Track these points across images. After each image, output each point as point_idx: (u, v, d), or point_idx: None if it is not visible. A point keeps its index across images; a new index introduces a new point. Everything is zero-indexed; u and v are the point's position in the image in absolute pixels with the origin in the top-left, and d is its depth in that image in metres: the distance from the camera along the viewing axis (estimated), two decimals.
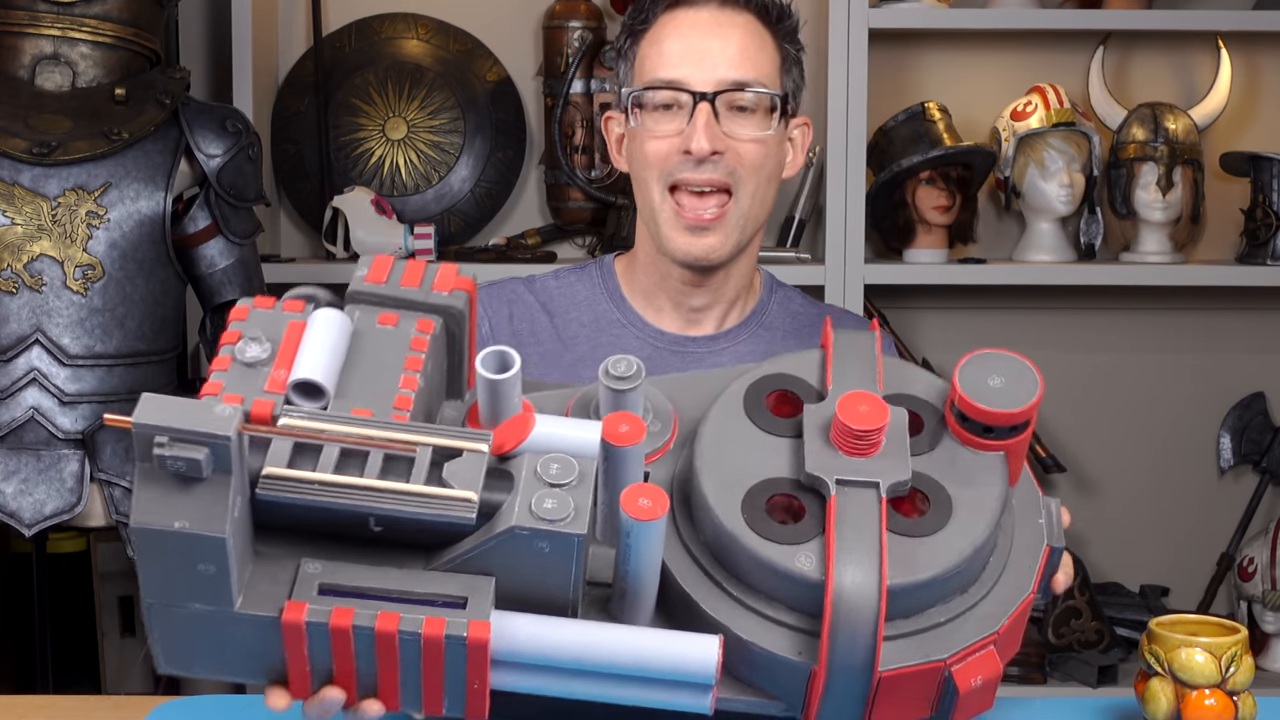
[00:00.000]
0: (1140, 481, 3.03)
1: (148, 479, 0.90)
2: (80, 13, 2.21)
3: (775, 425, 1.09)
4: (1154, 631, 1.36)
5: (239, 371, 1.02)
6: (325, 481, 0.94)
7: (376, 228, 2.80)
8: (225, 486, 0.90)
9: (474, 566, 0.96)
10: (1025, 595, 1.06)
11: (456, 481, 0.95)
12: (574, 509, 0.94)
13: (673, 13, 1.60)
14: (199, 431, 0.89)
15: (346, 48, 2.95)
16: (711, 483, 1.05)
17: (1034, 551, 1.09)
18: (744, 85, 1.57)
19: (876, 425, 1.04)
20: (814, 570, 1.00)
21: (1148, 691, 1.34)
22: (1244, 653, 1.33)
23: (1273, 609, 2.80)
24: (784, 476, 1.06)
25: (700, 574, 1.05)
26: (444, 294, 1.10)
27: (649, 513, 0.94)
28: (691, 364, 1.65)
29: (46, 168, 2.16)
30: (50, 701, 1.56)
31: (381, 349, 1.06)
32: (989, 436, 1.07)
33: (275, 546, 0.97)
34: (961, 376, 1.06)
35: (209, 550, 0.91)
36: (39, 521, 2.16)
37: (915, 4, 2.77)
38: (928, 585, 1.02)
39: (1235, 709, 1.32)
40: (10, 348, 2.15)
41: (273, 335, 1.05)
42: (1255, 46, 2.96)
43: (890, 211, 2.84)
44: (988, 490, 1.05)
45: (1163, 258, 2.85)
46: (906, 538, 1.02)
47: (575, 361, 1.66)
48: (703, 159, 1.55)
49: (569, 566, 0.96)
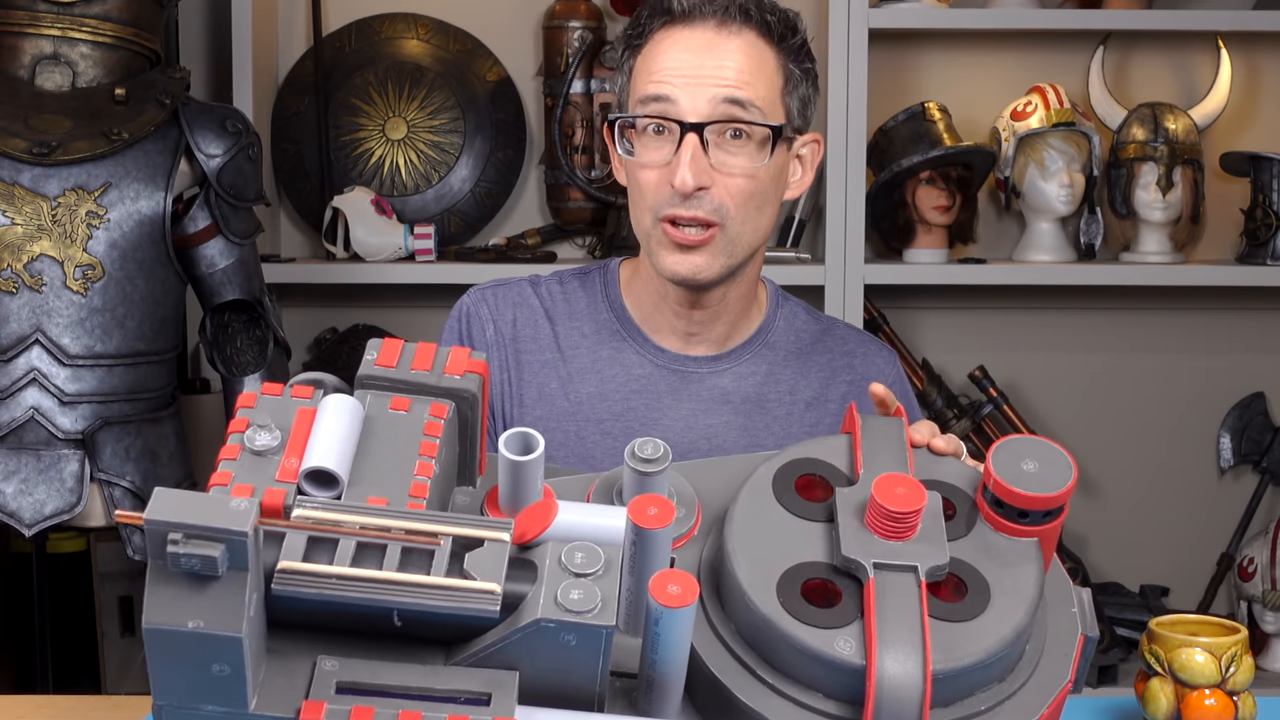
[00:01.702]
0: (1140, 481, 3.03)
1: (159, 577, 0.87)
2: (80, 13, 2.21)
3: (806, 509, 1.07)
4: (1154, 631, 1.36)
5: (248, 460, 0.99)
6: (343, 575, 0.91)
7: (376, 228, 2.80)
8: (241, 584, 0.87)
9: (497, 661, 0.93)
10: (1064, 684, 1.05)
11: (478, 573, 0.92)
12: (601, 600, 0.91)
13: (669, 29, 1.53)
14: (215, 528, 0.85)
15: (346, 48, 2.95)
16: (745, 566, 1.02)
17: (1069, 640, 1.07)
18: (736, 116, 1.49)
19: (914, 507, 1.02)
20: (854, 655, 0.98)
21: (1148, 691, 1.34)
22: (1244, 653, 1.33)
23: (1273, 609, 2.80)
24: (818, 560, 1.03)
25: (733, 661, 1.02)
26: (456, 377, 1.07)
27: (679, 599, 0.91)
28: (692, 383, 1.62)
29: (46, 168, 2.16)
30: (50, 701, 1.56)
31: (395, 435, 1.03)
32: (1024, 522, 1.05)
33: (289, 643, 0.94)
34: (995, 461, 1.05)
35: (224, 650, 0.88)
36: (39, 521, 2.16)
37: (915, 4, 2.77)
38: (970, 671, 0.99)
39: (1235, 709, 1.32)
40: (10, 348, 2.15)
41: (282, 422, 1.01)
42: (1255, 46, 2.96)
43: (890, 211, 2.84)
44: (1025, 575, 1.04)
45: (1163, 258, 2.85)
46: (947, 622, 1.00)
47: (575, 372, 1.63)
48: (687, 194, 1.49)
49: (596, 659, 0.92)
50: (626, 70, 1.57)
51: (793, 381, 1.64)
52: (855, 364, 1.66)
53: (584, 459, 1.60)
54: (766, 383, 1.63)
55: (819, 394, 1.64)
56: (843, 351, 1.67)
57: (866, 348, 1.69)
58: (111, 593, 2.74)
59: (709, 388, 1.62)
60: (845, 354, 1.67)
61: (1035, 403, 3.02)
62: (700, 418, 1.61)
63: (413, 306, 2.96)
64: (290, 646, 0.94)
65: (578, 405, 1.61)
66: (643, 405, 1.61)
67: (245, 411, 1.02)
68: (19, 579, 2.70)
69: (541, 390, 1.62)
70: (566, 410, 1.61)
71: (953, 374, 2.98)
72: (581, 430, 1.61)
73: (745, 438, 1.61)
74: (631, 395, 1.61)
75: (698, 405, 1.62)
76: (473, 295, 1.67)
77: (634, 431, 1.60)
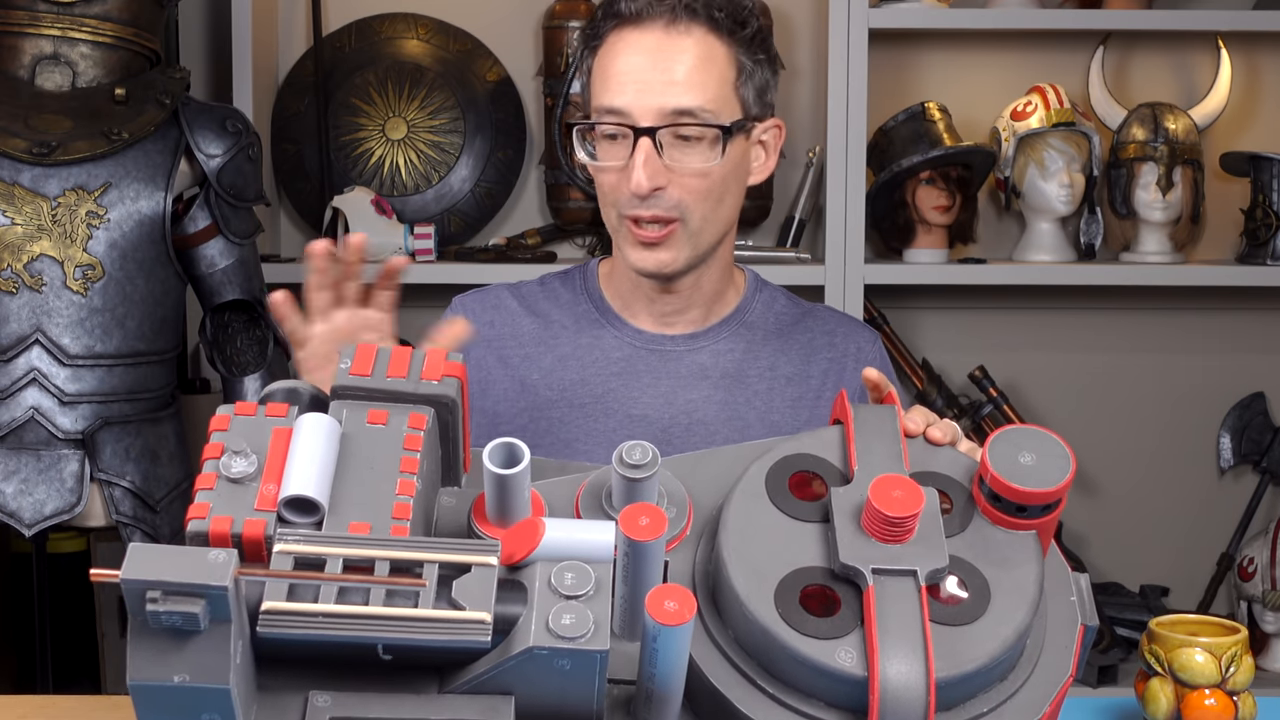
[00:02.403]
0: (1140, 481, 3.03)
1: (141, 633, 0.85)
2: (80, 13, 2.21)
3: (800, 510, 1.06)
4: (1154, 631, 1.36)
5: (226, 489, 0.96)
6: (329, 613, 0.89)
7: (376, 228, 2.80)
8: (225, 635, 0.86)
9: (491, 687, 0.92)
10: (1065, 678, 1.03)
11: (467, 600, 0.90)
12: (594, 623, 0.89)
13: (621, 31, 1.56)
14: (193, 584, 0.84)
15: (346, 48, 2.95)
16: (741, 575, 1.01)
17: (1069, 631, 1.06)
18: (686, 117, 1.52)
19: (912, 511, 1.00)
20: (856, 666, 0.96)
21: (1148, 691, 1.34)
22: (1244, 653, 1.33)
23: (1273, 609, 2.80)
24: (816, 566, 1.02)
25: (732, 671, 1.01)
26: (434, 383, 1.05)
27: (676, 616, 0.89)
28: (671, 361, 1.66)
29: (46, 168, 2.16)
30: (50, 701, 1.56)
31: (374, 452, 1.01)
32: (1022, 516, 1.04)
33: (279, 679, 0.92)
34: (991, 454, 1.04)
35: (213, 701, 0.86)
36: (39, 521, 2.16)
37: (915, 4, 2.77)
38: (973, 676, 0.98)
39: (1235, 709, 1.32)
40: (10, 348, 2.15)
41: (257, 445, 0.99)
42: (1255, 46, 2.96)
43: (890, 211, 2.84)
44: (1024, 572, 1.03)
45: (1163, 258, 2.85)
46: (948, 627, 0.99)
47: (557, 361, 1.67)
48: (644, 196, 1.53)
49: (591, 681, 0.91)
50: (585, 70, 1.61)
51: (772, 358, 1.67)
52: (836, 342, 1.69)
53: (568, 443, 1.63)
54: (745, 359, 1.67)
55: (800, 370, 1.67)
56: (823, 331, 1.70)
57: (848, 327, 1.72)
58: (111, 593, 2.74)
59: (687, 365, 1.66)
60: (826, 333, 1.70)
61: (1035, 403, 3.02)
62: (680, 393, 1.64)
63: (413, 306, 2.93)
64: (281, 683, 0.92)
65: (560, 393, 1.65)
66: (622, 386, 1.65)
67: (219, 435, 1.00)
68: (19, 579, 2.70)
69: (524, 383, 1.67)
70: (549, 398, 1.65)
71: (953, 374, 2.98)
72: (565, 416, 1.64)
73: (726, 411, 1.64)
74: (612, 377, 1.65)
75: (676, 382, 1.65)
76: (455, 303, 1.75)
77: (616, 411, 1.63)
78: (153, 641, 0.85)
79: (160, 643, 0.85)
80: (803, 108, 2.91)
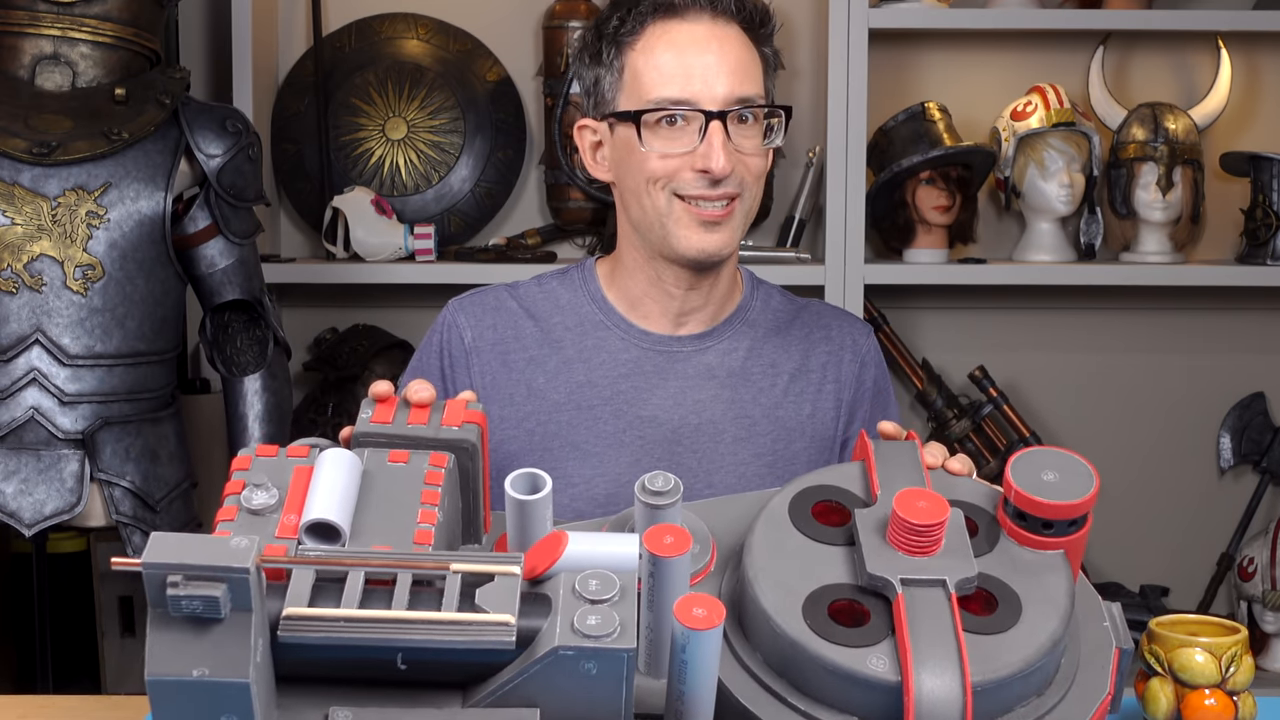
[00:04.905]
0: (1140, 481, 3.03)
1: (160, 625, 0.84)
2: (80, 13, 2.21)
3: (824, 534, 1.06)
4: (1154, 631, 1.35)
5: (246, 520, 0.97)
6: (352, 618, 0.87)
7: (376, 228, 2.80)
8: (245, 626, 0.84)
9: (515, 698, 0.90)
10: (1103, 696, 1.04)
11: (490, 606, 0.89)
12: (619, 624, 0.88)
13: (664, 23, 1.59)
14: (215, 566, 0.83)
15: (346, 48, 2.95)
16: (768, 592, 1.01)
17: (1105, 653, 1.06)
18: (748, 101, 1.58)
19: (938, 520, 1.00)
20: (888, 672, 0.95)
21: (1148, 691, 1.34)
22: (1244, 653, 1.33)
23: (1273, 609, 2.80)
24: (842, 582, 1.02)
25: (761, 690, 1.00)
26: (454, 429, 1.05)
27: (705, 621, 0.88)
28: (678, 362, 1.66)
29: (46, 168, 2.16)
30: (50, 701, 1.56)
31: (395, 486, 1.01)
32: (1048, 533, 1.04)
33: (298, 697, 0.91)
34: (1015, 472, 1.04)
35: (232, 698, 0.85)
36: (39, 521, 2.15)
37: (915, 4, 2.77)
38: (1009, 683, 0.98)
39: (1235, 709, 1.32)
40: (10, 348, 2.15)
41: (279, 481, 0.99)
42: (1255, 46, 2.96)
43: (890, 211, 2.84)
44: (1055, 585, 1.03)
45: (1163, 258, 2.85)
46: (981, 635, 0.98)
47: (563, 364, 1.66)
48: (725, 176, 1.56)
49: (619, 687, 0.89)
50: (616, 67, 1.61)
51: (774, 356, 1.69)
52: (832, 335, 1.72)
53: (577, 445, 1.63)
54: (750, 357, 1.68)
55: (800, 365, 1.70)
56: (819, 325, 1.73)
57: (842, 320, 1.75)
58: (111, 593, 2.74)
59: (695, 365, 1.67)
60: (821, 326, 1.73)
61: (1035, 403, 3.02)
62: (688, 393, 1.65)
63: (413, 306, 2.96)
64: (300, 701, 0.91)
65: (568, 395, 1.65)
66: (630, 388, 1.65)
67: (240, 474, 1.00)
68: (19, 579, 2.70)
69: (530, 386, 1.66)
70: (556, 402, 1.65)
71: (953, 374, 2.98)
72: (573, 419, 1.64)
73: (733, 409, 1.66)
74: (619, 379, 1.65)
75: (684, 382, 1.66)
76: (450, 306, 1.71)
77: (625, 413, 1.64)
78: (172, 634, 0.84)
79: (180, 635, 0.84)
80: (803, 108, 2.91)
